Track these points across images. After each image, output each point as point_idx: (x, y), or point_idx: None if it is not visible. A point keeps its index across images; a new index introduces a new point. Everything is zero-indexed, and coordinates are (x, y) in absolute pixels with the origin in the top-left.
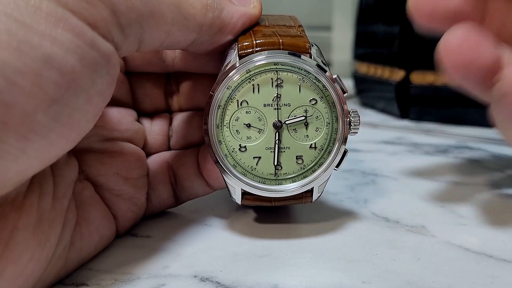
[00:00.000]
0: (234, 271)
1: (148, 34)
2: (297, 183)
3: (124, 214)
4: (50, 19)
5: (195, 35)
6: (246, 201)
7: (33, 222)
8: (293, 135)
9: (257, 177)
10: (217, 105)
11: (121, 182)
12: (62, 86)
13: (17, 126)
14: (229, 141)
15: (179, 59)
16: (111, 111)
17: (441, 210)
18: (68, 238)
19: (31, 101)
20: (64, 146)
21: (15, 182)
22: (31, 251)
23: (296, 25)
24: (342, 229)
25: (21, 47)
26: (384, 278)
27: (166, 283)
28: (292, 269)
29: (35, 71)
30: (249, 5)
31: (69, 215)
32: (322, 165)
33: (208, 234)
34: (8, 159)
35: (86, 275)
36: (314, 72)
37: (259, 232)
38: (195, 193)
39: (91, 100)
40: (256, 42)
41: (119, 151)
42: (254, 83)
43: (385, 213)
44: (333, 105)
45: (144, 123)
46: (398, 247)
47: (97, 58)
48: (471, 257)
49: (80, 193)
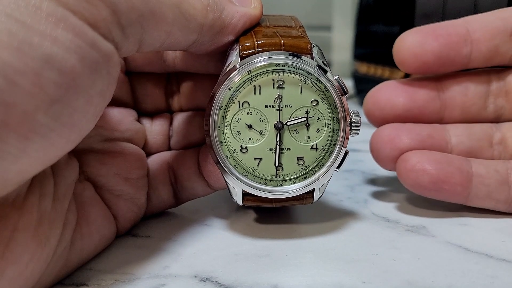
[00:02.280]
0: (234, 271)
1: (149, 34)
2: (298, 184)
3: (124, 214)
4: (51, 19)
5: (196, 35)
6: (247, 202)
7: (33, 223)
8: (294, 136)
9: (258, 178)
10: (219, 106)
11: (122, 183)
12: (62, 86)
13: (17, 126)
14: (230, 142)
15: (180, 59)
16: (111, 111)
17: (441, 210)
18: (68, 239)
19: (32, 101)
20: (64, 146)
21: (16, 182)
22: (32, 251)
23: (297, 26)
24: (342, 229)
25: (22, 47)
26: (384, 278)
27: (166, 283)
28: (292, 269)
29: (36, 71)
30: (250, 5)
31: (69, 215)
32: (323, 166)
33: (208, 234)
34: (9, 159)
35: (86, 275)
36: (315, 73)
37: (259, 232)
38: (196, 193)
39: (91, 100)
40: (258, 42)
41: (120, 152)
42: (256, 84)
43: (385, 213)
44: (334, 106)
45: (144, 123)
46: (398, 247)
47: (97, 58)
48: (471, 257)
49: (80, 193)
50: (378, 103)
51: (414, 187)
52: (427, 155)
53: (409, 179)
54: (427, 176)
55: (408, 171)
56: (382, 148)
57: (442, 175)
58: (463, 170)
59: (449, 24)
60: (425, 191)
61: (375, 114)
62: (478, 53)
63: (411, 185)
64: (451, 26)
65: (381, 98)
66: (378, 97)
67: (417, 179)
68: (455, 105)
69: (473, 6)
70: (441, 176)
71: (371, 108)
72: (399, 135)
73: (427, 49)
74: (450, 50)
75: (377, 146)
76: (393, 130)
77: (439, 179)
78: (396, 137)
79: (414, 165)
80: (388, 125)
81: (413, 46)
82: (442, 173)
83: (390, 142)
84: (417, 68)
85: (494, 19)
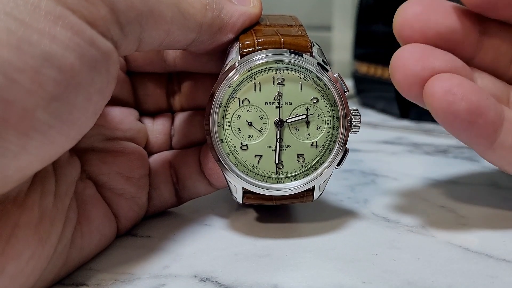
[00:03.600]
0: (234, 271)
1: (148, 33)
2: (299, 182)
3: (125, 213)
4: (49, 17)
5: (195, 34)
6: (247, 200)
7: (34, 220)
8: (295, 134)
9: (259, 176)
10: (219, 103)
11: (123, 182)
12: (61, 84)
13: (17, 123)
14: (231, 140)
15: (180, 59)
16: (113, 110)
17: (441, 210)
18: (69, 237)
19: (31, 98)
20: (64, 143)
21: (16, 179)
22: (32, 248)
23: (297, 25)
24: (342, 229)
25: (21, 45)
26: (384, 278)
27: (166, 283)
28: (292, 269)
29: (35, 69)
30: (249, 4)
31: (70, 213)
32: (323, 164)
33: (208, 234)
34: (9, 156)
35: (86, 275)
36: (315, 71)
37: (260, 232)
38: (197, 192)
39: (91, 98)
40: (258, 41)
41: (121, 151)
42: (256, 81)
43: (385, 213)
44: (334, 103)
45: (146, 123)
46: (398, 247)
47: (96, 56)
48: (471, 257)
49: (81, 192)
50: (421, 16)
51: (445, 114)
52: (467, 81)
53: (444, 101)
54: (465, 102)
55: (445, 92)
56: (411, 66)
57: (482, 106)
58: (498, 110)
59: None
60: (457, 120)
61: (413, 27)
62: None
63: (444, 109)
64: None
65: (426, 11)
66: (423, 9)
67: (454, 104)
68: (490, 48)
69: None
70: (481, 106)
71: (409, 20)
72: (433, 55)
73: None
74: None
75: (404, 63)
76: (426, 49)
77: (478, 109)
78: (430, 56)
79: (452, 86)
80: (419, 43)
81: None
82: (482, 104)
83: (422, 60)
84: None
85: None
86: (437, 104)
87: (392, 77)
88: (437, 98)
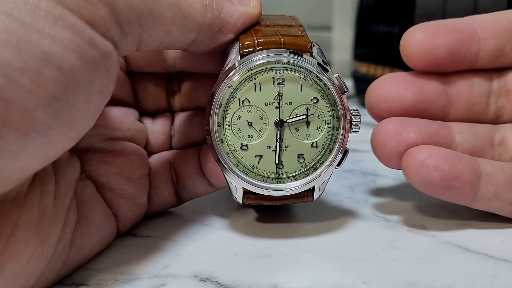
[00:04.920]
0: (234, 271)
1: (147, 33)
2: (299, 182)
3: (125, 213)
4: (49, 18)
5: (195, 34)
6: (247, 200)
7: (34, 220)
8: (295, 134)
9: (259, 176)
10: (219, 103)
11: (123, 182)
12: (61, 84)
13: (17, 123)
14: (231, 140)
15: (180, 59)
16: (113, 110)
17: (441, 210)
18: (69, 237)
19: (31, 98)
20: (64, 143)
21: (16, 179)
22: (32, 248)
23: (297, 25)
24: (342, 229)
25: (21, 45)
26: (384, 278)
27: (166, 283)
28: (292, 269)
29: (35, 69)
30: (249, 4)
31: (70, 213)
32: (324, 164)
33: (208, 234)
34: (8, 156)
35: (86, 275)
36: (316, 71)
37: (260, 232)
38: (197, 192)
39: (90, 98)
40: (258, 41)
41: (121, 151)
42: (256, 81)
43: (385, 213)
44: (334, 103)
45: (146, 123)
46: (398, 247)
47: (96, 56)
48: (471, 257)
49: (81, 192)
50: (385, 95)
51: (422, 184)
52: (438, 150)
53: (418, 175)
54: (438, 172)
55: (418, 166)
56: (387, 142)
57: (454, 172)
58: (473, 168)
59: (457, 21)
60: (434, 188)
61: (380, 106)
62: (485, 51)
63: (419, 181)
64: (459, 23)
65: (388, 90)
66: (384, 89)
67: (427, 175)
68: (461, 102)
69: (473, 6)
70: (453, 172)
71: (376, 101)
72: (406, 129)
73: (439, 44)
74: (461, 46)
75: (381, 140)
76: (399, 124)
77: (451, 175)
78: (403, 131)
79: (424, 160)
80: (393, 118)
81: (425, 41)
82: (454, 170)
83: (396, 136)
84: (427, 64)
85: (498, 19)
86: (413, 177)
87: (373, 151)
88: (412, 171)
